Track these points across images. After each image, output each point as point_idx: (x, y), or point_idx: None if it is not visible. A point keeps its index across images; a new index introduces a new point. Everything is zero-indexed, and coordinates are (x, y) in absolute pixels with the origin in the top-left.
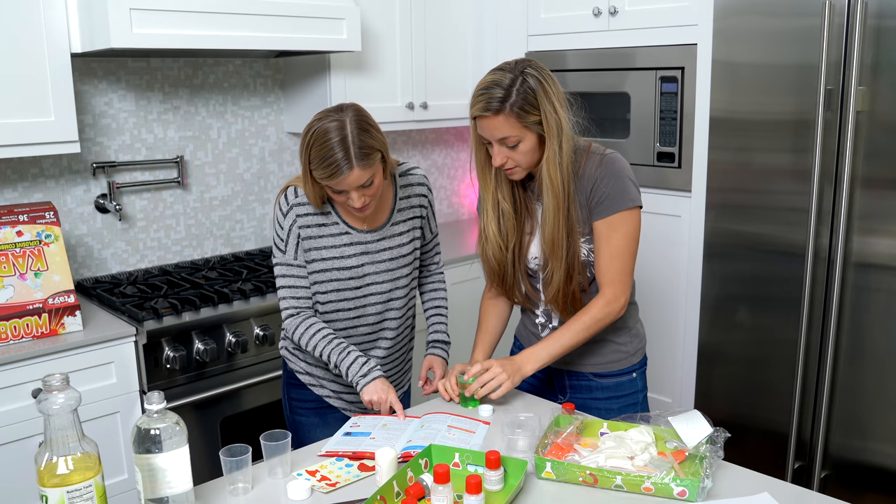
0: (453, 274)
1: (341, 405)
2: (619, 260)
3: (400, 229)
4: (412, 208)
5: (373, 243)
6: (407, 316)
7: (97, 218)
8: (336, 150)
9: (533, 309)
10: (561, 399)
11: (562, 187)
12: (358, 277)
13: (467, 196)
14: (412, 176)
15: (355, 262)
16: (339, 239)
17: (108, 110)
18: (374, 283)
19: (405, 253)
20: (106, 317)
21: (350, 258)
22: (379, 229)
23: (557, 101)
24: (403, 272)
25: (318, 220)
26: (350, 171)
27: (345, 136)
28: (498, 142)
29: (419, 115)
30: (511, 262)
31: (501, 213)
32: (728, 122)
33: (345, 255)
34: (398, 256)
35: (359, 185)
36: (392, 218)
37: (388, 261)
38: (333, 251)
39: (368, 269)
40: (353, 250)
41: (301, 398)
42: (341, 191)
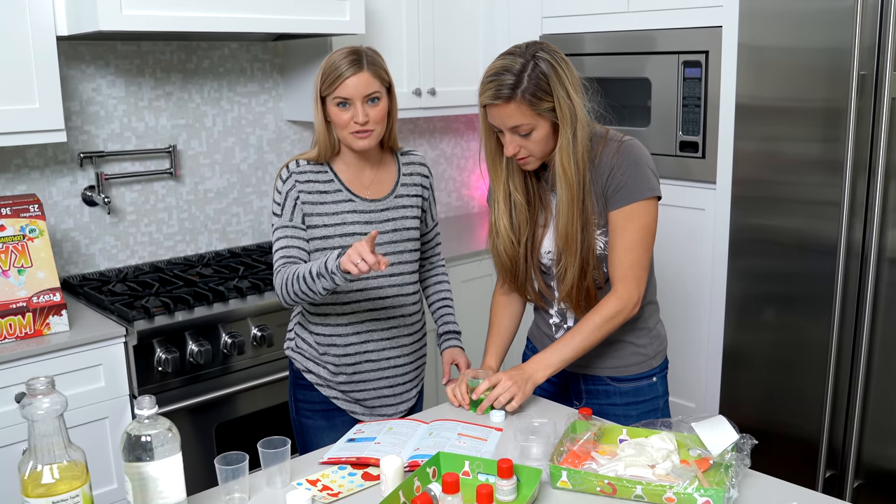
0: (462, 270)
1: (349, 408)
2: (633, 253)
3: (404, 202)
4: (415, 186)
5: (377, 213)
6: (415, 300)
7: (84, 211)
8: (347, 56)
9: (546, 307)
10: (577, 404)
11: (576, 177)
12: None
13: (477, 188)
14: (414, 156)
15: (359, 230)
16: (342, 206)
17: (96, 97)
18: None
19: (409, 227)
20: (94, 316)
21: (353, 225)
22: (383, 199)
23: (572, 87)
24: (407, 247)
25: (320, 187)
26: (359, 72)
27: (358, 50)
28: (509, 130)
29: (427, 102)
30: (523, 257)
31: (513, 205)
32: (755, 109)
33: (347, 221)
34: (402, 229)
35: (366, 93)
36: (396, 189)
37: (392, 232)
38: (335, 218)
39: None
40: (356, 217)
41: (308, 399)
42: (346, 101)
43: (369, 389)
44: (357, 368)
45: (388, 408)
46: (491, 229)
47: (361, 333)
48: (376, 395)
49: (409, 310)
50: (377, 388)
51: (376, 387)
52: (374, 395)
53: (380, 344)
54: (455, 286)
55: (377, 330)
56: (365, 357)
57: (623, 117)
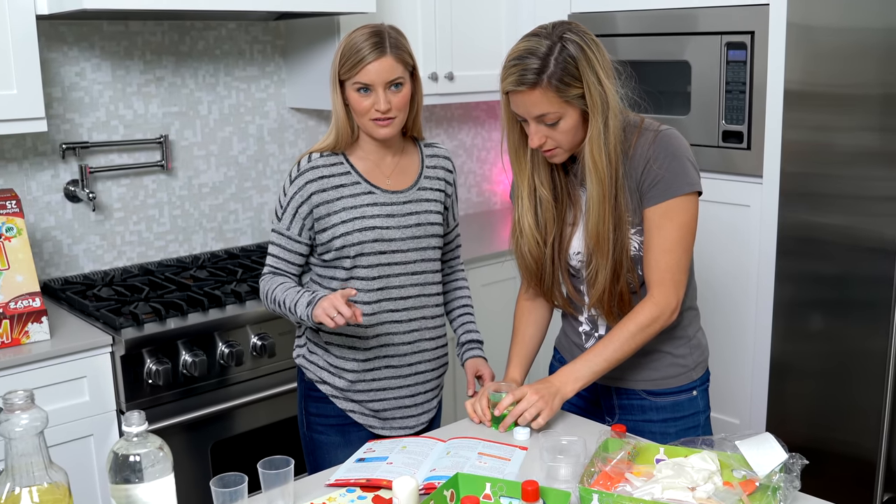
0: (483, 273)
1: (366, 421)
2: (671, 254)
3: (427, 196)
4: (438, 179)
5: (399, 205)
6: (438, 302)
7: (67, 208)
8: (369, 38)
9: (575, 314)
10: (609, 420)
11: (608, 170)
12: (381, 241)
13: (500, 182)
14: (437, 148)
15: (380, 224)
16: (361, 199)
17: (80, 82)
18: (399, 252)
19: (433, 221)
20: (77, 323)
21: (373, 219)
22: (405, 191)
23: (603, 71)
24: (431, 243)
25: (335, 182)
26: (382, 56)
27: (380, 30)
28: (534, 119)
29: (444, 88)
30: (550, 259)
31: (539, 201)
32: (805, 95)
33: (366, 215)
34: (426, 223)
35: (389, 79)
36: (419, 182)
37: (415, 226)
38: (354, 212)
39: (394, 234)
40: (376, 210)
41: (320, 413)
42: (368, 87)
43: (389, 399)
44: (377, 375)
45: (409, 419)
46: (514, 228)
47: (381, 336)
48: (396, 405)
49: (432, 311)
50: (398, 396)
51: (397, 395)
52: (394, 406)
53: (401, 349)
54: (475, 291)
55: (398, 333)
56: (385, 363)
57: (660, 105)
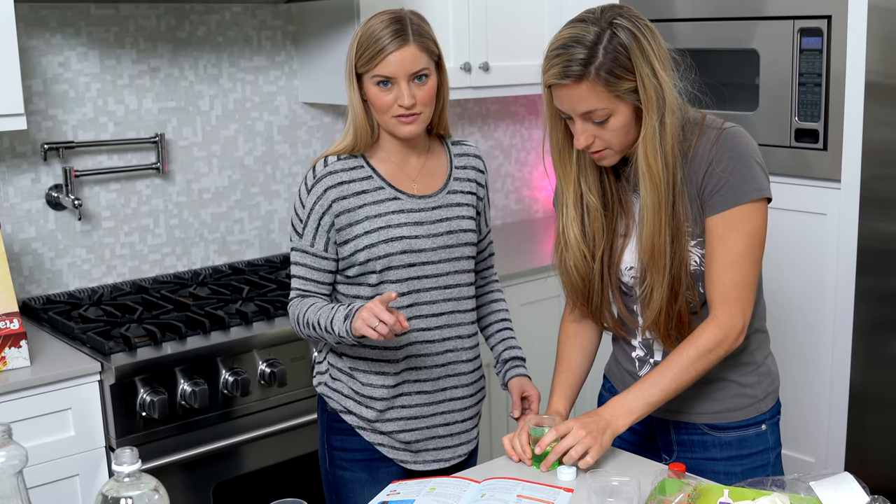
0: (522, 291)
1: (397, 456)
2: (736, 269)
3: (458, 200)
4: (469, 181)
5: (427, 211)
6: (473, 319)
7: (49, 216)
8: (389, 26)
9: (628, 338)
10: (666, 458)
11: (664, 174)
12: (410, 252)
13: (542, 188)
14: (467, 146)
15: (407, 233)
16: (385, 205)
17: (64, 73)
18: (430, 263)
19: (466, 228)
20: (61, 348)
21: (399, 227)
22: (434, 195)
23: (658, 62)
24: (465, 253)
25: (356, 188)
26: (404, 45)
27: (400, 16)
28: (581, 117)
29: (478, 80)
30: (599, 275)
31: (586, 209)
32: (890, 88)
33: (392, 224)
34: (458, 231)
35: (412, 71)
36: (448, 185)
37: (447, 235)
38: (379, 220)
39: (424, 244)
40: (403, 218)
41: (345, 447)
42: (389, 80)
43: (421, 429)
44: (407, 402)
45: (444, 451)
46: (558, 240)
47: (412, 358)
48: (429, 434)
49: (467, 329)
50: (431, 426)
51: (430, 424)
52: (427, 436)
53: (433, 371)
54: (513, 311)
55: (431, 354)
56: (416, 388)
57: (724, 99)
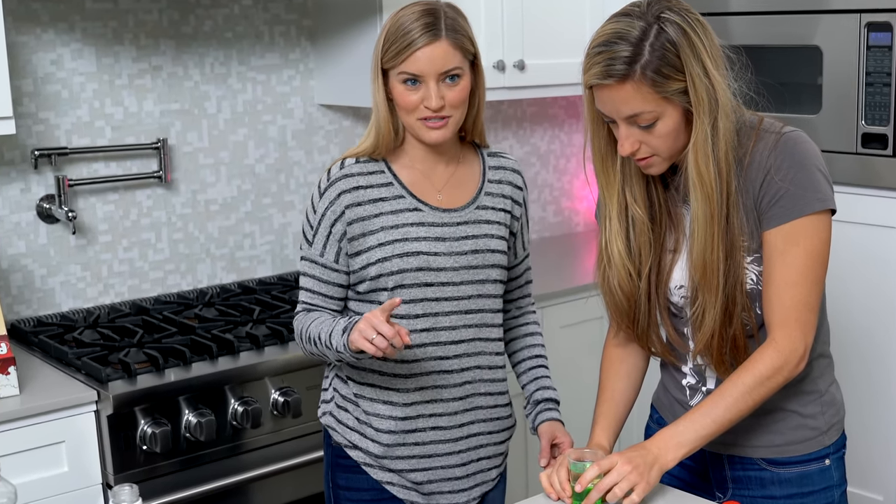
0: (562, 313)
1: (407, 496)
2: (796, 288)
3: (488, 217)
4: (503, 198)
5: (450, 227)
6: (499, 349)
7: (40, 230)
8: (420, 18)
9: (677, 364)
10: (720, 496)
11: (717, 184)
12: (427, 270)
13: (583, 199)
14: (504, 158)
15: (426, 248)
16: (404, 216)
17: (57, 72)
18: (450, 285)
19: (494, 248)
20: (53, 375)
21: (416, 242)
22: (460, 209)
23: (711, 60)
24: (491, 275)
25: (374, 194)
26: (435, 40)
27: (434, 8)
28: (625, 120)
29: (513, 80)
30: (645, 295)
31: (631, 222)
32: None
33: (409, 237)
34: (485, 251)
35: (443, 69)
36: (478, 198)
37: (471, 254)
38: (395, 232)
39: (444, 262)
40: (421, 232)
41: (351, 486)
42: (416, 78)
43: (435, 468)
44: (420, 438)
45: (459, 494)
46: (601, 256)
47: (427, 390)
48: (444, 476)
49: (490, 360)
50: (446, 465)
51: (445, 464)
52: (442, 477)
53: (450, 405)
54: (551, 333)
55: (448, 386)
56: (431, 423)
57: (783, 101)
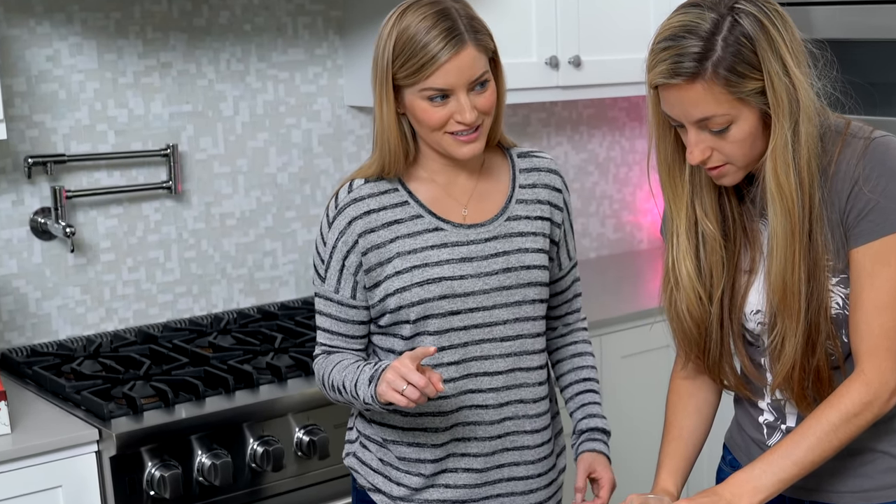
0: (623, 341)
1: None
2: (888, 313)
3: (522, 228)
4: (539, 204)
5: (478, 244)
6: (541, 378)
7: (35, 248)
8: (437, 24)
9: (753, 398)
10: None
11: (798, 196)
12: (452, 297)
13: (647, 212)
14: (538, 158)
15: (449, 272)
16: (422, 238)
17: (54, 70)
18: (481, 310)
19: (531, 264)
20: (49, 411)
21: (440, 266)
22: (488, 223)
23: (791, 56)
24: (528, 295)
25: (387, 217)
26: (461, 49)
27: (447, 9)
28: (695, 124)
29: (568, 78)
30: (717, 321)
31: (702, 239)
32: None
33: (430, 261)
34: (519, 268)
35: (473, 78)
36: (509, 208)
37: (503, 273)
38: (412, 258)
39: (472, 286)
40: (444, 254)
41: None
42: (444, 92)
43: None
44: (451, 480)
45: None
46: (667, 277)
47: (459, 427)
48: None
49: (533, 392)
50: None
51: None
52: None
53: (486, 445)
54: (609, 365)
55: (484, 423)
56: (465, 463)
57: (873, 102)
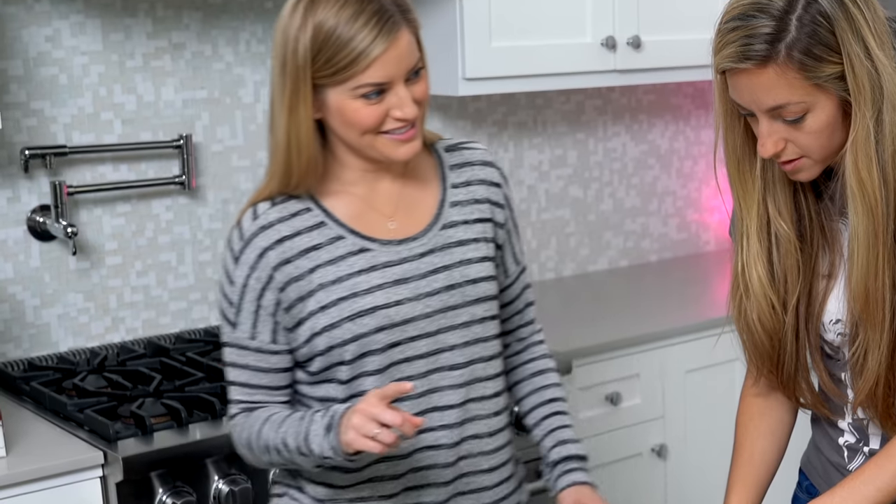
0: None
1: None
2: None
3: (460, 235)
4: (477, 204)
5: (412, 262)
6: (499, 407)
7: (33, 250)
8: (364, 6)
9: (833, 418)
10: None
11: (881, 192)
12: (390, 327)
13: (714, 210)
14: (469, 151)
15: (383, 299)
16: (347, 263)
17: (53, 52)
18: (424, 337)
19: (476, 276)
20: (49, 432)
21: (372, 294)
22: (421, 236)
23: (874, 37)
24: (477, 314)
25: (304, 243)
26: (396, 33)
27: None
28: (767, 113)
29: (626, 61)
30: (793, 332)
31: (775, 241)
32: None
33: (360, 289)
34: (463, 282)
35: (410, 66)
36: (443, 214)
37: (446, 291)
38: (337, 288)
39: (412, 311)
40: (376, 278)
41: None
42: (381, 87)
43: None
44: None
45: None
46: (736, 282)
47: (410, 475)
48: None
49: (488, 425)
50: None
51: None
52: None
53: (440, 492)
54: (672, 380)
55: (438, 467)
56: None
57: None
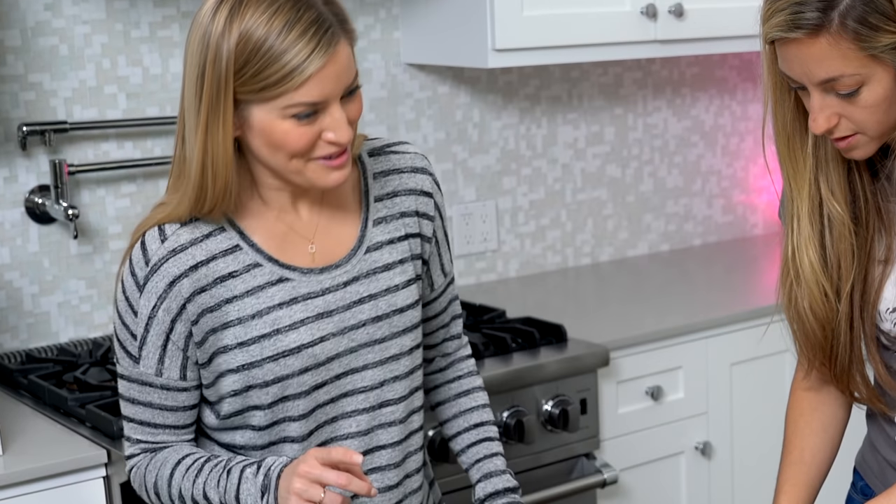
0: (734, 344)
1: None
2: None
3: (386, 259)
4: (403, 218)
5: (337, 292)
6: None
7: (31, 233)
8: (300, 15)
9: (889, 413)
10: None
11: None
12: (315, 367)
13: (763, 191)
14: (397, 156)
15: (308, 336)
16: (268, 295)
17: (53, 21)
18: (351, 373)
19: (402, 306)
20: (49, 429)
21: (295, 330)
22: (343, 262)
23: None
24: (405, 344)
25: (219, 269)
26: (336, 45)
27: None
28: (820, 86)
29: (667, 31)
30: (847, 321)
31: (828, 224)
32: None
33: (281, 325)
34: (390, 312)
35: (347, 84)
36: (367, 235)
37: (373, 322)
38: (257, 325)
39: (337, 346)
40: (299, 312)
41: None
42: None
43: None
44: None
45: None
46: (786, 268)
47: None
48: None
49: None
50: None
51: None
52: None
53: None
54: (717, 372)
55: None
56: None
57: None
